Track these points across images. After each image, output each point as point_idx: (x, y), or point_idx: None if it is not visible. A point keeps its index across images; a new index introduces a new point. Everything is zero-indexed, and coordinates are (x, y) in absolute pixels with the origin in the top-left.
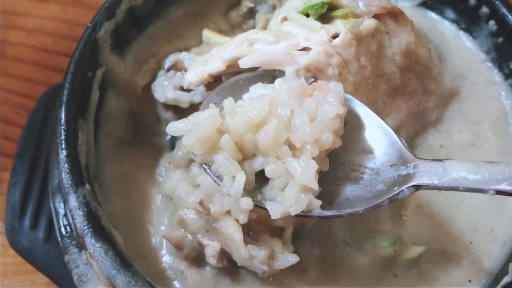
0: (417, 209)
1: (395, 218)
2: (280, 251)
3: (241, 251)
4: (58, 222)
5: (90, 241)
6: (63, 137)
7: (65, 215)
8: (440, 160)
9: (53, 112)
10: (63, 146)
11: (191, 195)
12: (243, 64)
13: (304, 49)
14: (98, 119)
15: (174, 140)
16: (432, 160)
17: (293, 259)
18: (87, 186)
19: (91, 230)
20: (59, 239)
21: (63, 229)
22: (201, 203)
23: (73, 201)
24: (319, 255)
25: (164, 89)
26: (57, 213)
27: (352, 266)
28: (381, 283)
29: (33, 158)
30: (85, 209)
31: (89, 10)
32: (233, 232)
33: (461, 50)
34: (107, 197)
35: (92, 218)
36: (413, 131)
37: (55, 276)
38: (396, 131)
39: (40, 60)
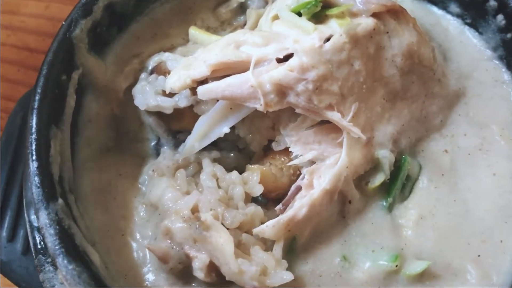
0: (420, 220)
1: (396, 230)
2: (273, 267)
3: (231, 265)
4: (34, 238)
5: (63, 263)
6: (33, 147)
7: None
8: None
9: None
10: (34, 157)
11: (180, 202)
12: (201, 94)
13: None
14: (76, 125)
15: (159, 146)
16: None
17: (287, 276)
18: (60, 201)
19: (63, 250)
20: (33, 255)
21: (38, 245)
22: (193, 209)
23: (44, 218)
24: (313, 271)
25: (145, 96)
26: (32, 227)
27: (350, 283)
28: None
29: (11, 165)
30: (57, 227)
31: (74, 6)
32: (223, 243)
33: (466, 47)
34: (85, 209)
35: (65, 237)
36: (415, 137)
37: None
38: (398, 138)
39: (22, 60)
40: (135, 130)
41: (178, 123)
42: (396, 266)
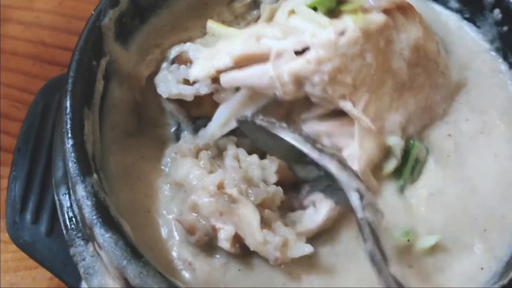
0: (430, 197)
1: (408, 209)
2: (294, 241)
3: (256, 235)
4: (63, 215)
5: (100, 232)
6: (69, 126)
7: (70, 207)
8: None
9: (52, 105)
10: (70, 135)
11: (206, 179)
12: (224, 82)
13: (303, 50)
14: (102, 110)
15: (179, 131)
16: None
17: (307, 249)
18: (95, 175)
19: (100, 220)
20: (64, 231)
21: (68, 222)
22: (219, 185)
23: (81, 190)
24: (329, 250)
25: (168, 84)
26: (61, 205)
27: (365, 259)
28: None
29: (34, 151)
30: (94, 199)
31: (86, 3)
32: (249, 214)
33: (465, 41)
34: (112, 188)
35: (101, 208)
36: (420, 125)
37: (58, 270)
38: (405, 126)
39: (37, 54)
40: (156, 116)
41: (197, 110)
42: (408, 240)
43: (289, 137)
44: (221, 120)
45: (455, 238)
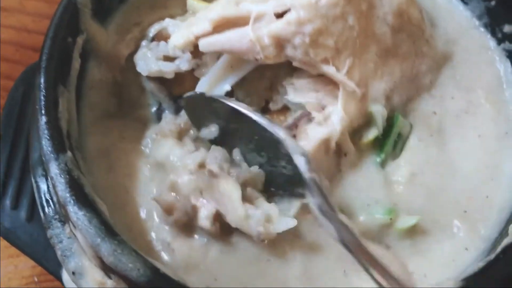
0: (411, 177)
1: (389, 186)
2: (277, 216)
3: (238, 210)
4: (40, 197)
5: (73, 209)
6: (42, 103)
7: (47, 189)
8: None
9: (33, 91)
10: (43, 112)
11: (187, 158)
12: (202, 46)
13: (284, 13)
14: (80, 90)
15: (160, 111)
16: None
17: (291, 222)
18: (69, 153)
19: (74, 197)
20: (41, 213)
21: (45, 204)
22: (200, 164)
23: (54, 168)
24: (312, 222)
25: (147, 62)
26: (38, 188)
27: None
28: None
29: (14, 137)
30: (67, 176)
31: None
32: (231, 188)
33: (453, 16)
34: (90, 168)
35: (75, 186)
36: (406, 95)
37: (38, 256)
38: (390, 94)
39: (21, 40)
40: (137, 96)
41: (179, 88)
42: (391, 219)
43: (240, 106)
44: (204, 87)
45: (434, 220)
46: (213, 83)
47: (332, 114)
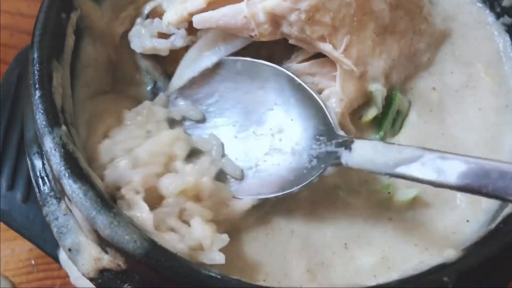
0: None
1: None
2: (209, 245)
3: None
4: (36, 175)
5: (68, 182)
6: (36, 77)
7: (43, 165)
8: (353, 139)
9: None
10: (37, 86)
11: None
12: (196, 22)
13: None
14: (74, 68)
15: (155, 89)
16: (346, 138)
17: (218, 258)
18: (64, 127)
19: (69, 170)
20: (36, 191)
21: (40, 181)
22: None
23: (48, 142)
24: (307, 198)
25: (141, 39)
26: (33, 166)
27: (343, 211)
28: (376, 227)
29: (9, 119)
30: (62, 150)
31: None
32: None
33: None
34: (85, 144)
35: (69, 159)
36: (404, 74)
37: (35, 237)
38: (389, 73)
39: (15, 24)
40: (132, 74)
41: (174, 65)
42: (389, 193)
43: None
44: (190, 59)
45: (436, 192)
46: (201, 52)
47: (331, 97)
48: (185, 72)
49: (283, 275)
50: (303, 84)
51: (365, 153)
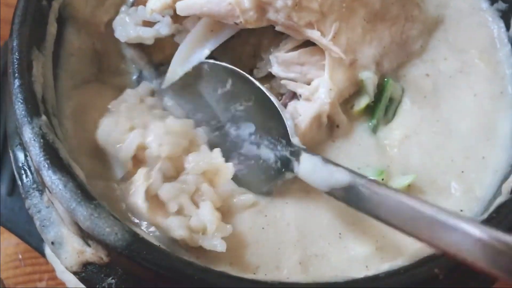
0: (404, 139)
1: (381, 150)
2: (213, 230)
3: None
4: (18, 166)
5: (48, 173)
6: (15, 65)
7: (25, 157)
8: (300, 150)
9: None
10: (16, 75)
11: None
12: (180, 9)
13: None
14: (58, 57)
15: (140, 79)
16: (296, 148)
17: (220, 247)
18: (44, 117)
19: (48, 161)
20: (19, 183)
21: (23, 174)
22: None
23: (28, 132)
24: (300, 188)
25: (125, 27)
26: (15, 157)
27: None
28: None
29: None
30: (41, 140)
31: None
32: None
33: None
34: (68, 135)
35: (49, 150)
36: (396, 62)
37: (21, 231)
38: (380, 61)
39: (2, 15)
40: (117, 64)
41: (159, 55)
42: (382, 179)
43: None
44: (181, 56)
45: (431, 180)
46: (193, 47)
47: (320, 87)
48: (178, 67)
49: (274, 267)
50: (262, 87)
51: (308, 167)
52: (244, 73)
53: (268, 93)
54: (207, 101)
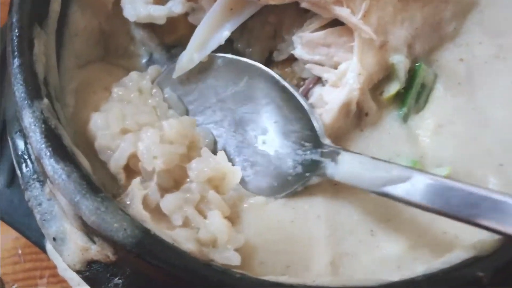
0: (438, 129)
1: (413, 140)
2: (225, 242)
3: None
4: (17, 155)
5: (49, 162)
6: (15, 43)
7: (25, 145)
8: (339, 151)
9: None
10: (16, 53)
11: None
12: None
13: None
14: (61, 36)
15: (150, 63)
16: (334, 148)
17: (234, 260)
18: (45, 100)
19: (50, 149)
20: (18, 173)
21: (22, 163)
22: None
23: (28, 117)
24: (328, 181)
25: (135, 6)
26: (15, 145)
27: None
28: (403, 212)
29: None
30: (43, 126)
31: None
32: None
33: None
34: (72, 120)
35: (51, 136)
36: (428, 45)
37: (20, 224)
38: (412, 43)
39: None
40: (125, 45)
41: (172, 36)
42: None
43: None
44: (199, 41)
45: (467, 173)
46: (211, 29)
47: (348, 71)
48: (195, 53)
49: (304, 267)
50: (288, 86)
51: (352, 168)
52: (267, 69)
53: (295, 93)
54: (213, 98)
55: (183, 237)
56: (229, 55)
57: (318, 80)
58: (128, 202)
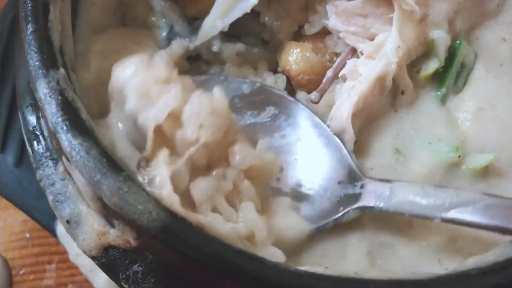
0: (479, 112)
1: (452, 123)
2: (263, 238)
3: None
4: (28, 131)
5: (66, 137)
6: (29, 7)
7: (37, 120)
8: (388, 181)
9: None
10: (30, 18)
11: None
12: None
13: None
14: (76, 4)
15: (171, 36)
16: (380, 180)
17: (279, 257)
18: (62, 70)
19: (67, 122)
20: (29, 151)
21: (34, 139)
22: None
23: (42, 87)
24: (361, 164)
25: None
26: (26, 120)
27: (407, 177)
28: None
29: (1, 71)
30: (59, 97)
31: None
32: None
33: None
34: (87, 95)
35: (68, 108)
36: (470, 22)
37: (29, 206)
38: (453, 19)
39: None
40: (144, 17)
41: (194, 7)
42: (459, 156)
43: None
44: (223, 7)
45: (509, 162)
46: None
47: (386, 43)
48: (218, 20)
49: (340, 257)
50: (319, 121)
51: (408, 195)
52: (301, 103)
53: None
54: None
55: (220, 221)
56: (258, 83)
57: (354, 54)
58: (151, 179)
